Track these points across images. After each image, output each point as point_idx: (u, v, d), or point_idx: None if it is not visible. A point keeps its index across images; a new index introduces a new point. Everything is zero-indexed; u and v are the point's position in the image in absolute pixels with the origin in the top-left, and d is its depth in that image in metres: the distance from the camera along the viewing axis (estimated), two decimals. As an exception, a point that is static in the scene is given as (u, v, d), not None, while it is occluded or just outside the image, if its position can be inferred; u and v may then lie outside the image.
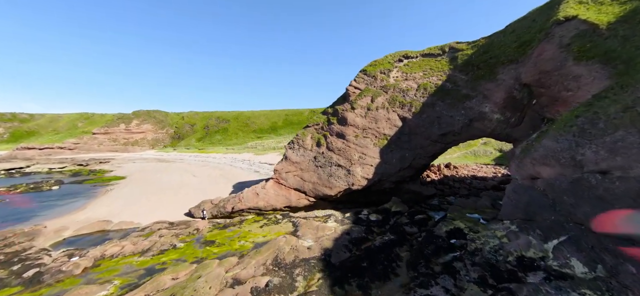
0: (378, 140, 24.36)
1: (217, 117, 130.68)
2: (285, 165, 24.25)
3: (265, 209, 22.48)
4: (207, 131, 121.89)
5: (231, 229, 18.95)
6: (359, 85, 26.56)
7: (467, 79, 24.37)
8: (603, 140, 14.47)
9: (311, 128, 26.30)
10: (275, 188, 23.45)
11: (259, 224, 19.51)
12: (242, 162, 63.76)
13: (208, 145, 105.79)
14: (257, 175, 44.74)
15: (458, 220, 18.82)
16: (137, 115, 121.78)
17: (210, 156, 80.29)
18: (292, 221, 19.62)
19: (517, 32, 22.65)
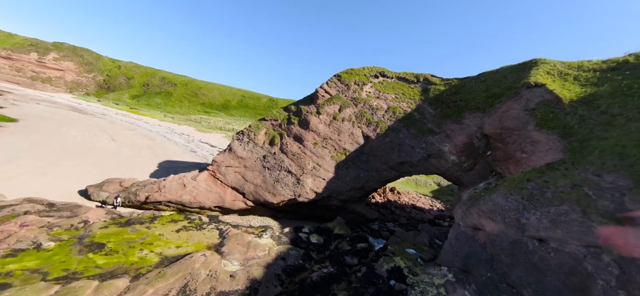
0: (337, 153, 22.78)
1: (162, 77, 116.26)
2: (227, 158, 20.97)
3: (190, 206, 18.88)
4: (146, 90, 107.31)
5: (136, 228, 14.79)
6: (330, 90, 24.68)
7: (434, 114, 24.44)
8: (548, 210, 15.00)
9: (267, 123, 23.47)
10: (208, 182, 20.01)
11: (177, 226, 15.82)
12: (180, 135, 56.73)
13: (144, 106, 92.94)
14: (192, 156, 39.61)
15: (398, 257, 18.21)
16: (59, 47, 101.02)
17: (142, 119, 70.11)
18: (220, 228, 16.52)
19: (488, 83, 23.44)
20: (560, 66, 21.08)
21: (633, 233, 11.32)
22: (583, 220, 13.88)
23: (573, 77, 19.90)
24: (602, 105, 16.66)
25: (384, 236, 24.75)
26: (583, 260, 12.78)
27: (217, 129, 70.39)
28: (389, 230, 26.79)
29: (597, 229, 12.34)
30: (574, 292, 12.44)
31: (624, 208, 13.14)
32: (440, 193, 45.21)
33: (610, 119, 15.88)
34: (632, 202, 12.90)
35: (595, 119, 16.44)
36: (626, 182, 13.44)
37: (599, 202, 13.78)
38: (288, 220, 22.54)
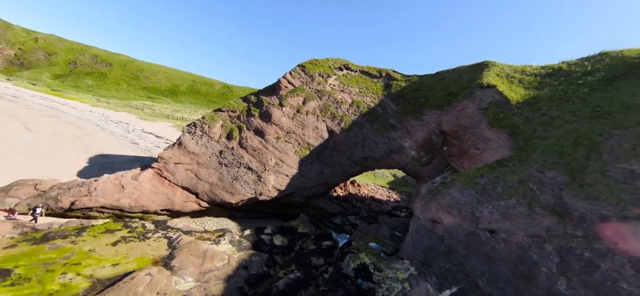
0: (300, 148, 21.76)
1: (93, 55, 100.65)
2: (176, 154, 18.49)
3: (130, 211, 16.11)
4: (73, 69, 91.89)
5: (56, 244, 11.46)
6: (293, 81, 23.32)
7: (396, 110, 24.84)
8: (498, 204, 16.12)
9: (224, 114, 21.29)
10: (154, 182, 17.41)
11: (113, 237, 12.98)
12: (118, 124, 49.73)
13: (70, 88, 79.56)
14: (133, 148, 34.85)
15: (363, 253, 18.20)
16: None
17: (69, 104, 59.89)
18: (169, 236, 14.27)
19: (446, 82, 24.50)
20: (507, 69, 22.89)
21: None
22: (528, 212, 15.15)
23: (518, 80, 21.75)
24: (543, 108, 18.44)
25: (347, 231, 24.75)
26: (528, 249, 13.92)
27: (163, 117, 63.56)
28: (351, 223, 26.91)
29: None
30: (521, 279, 13.50)
31: (562, 202, 14.69)
32: (396, 184, 47.35)
33: (550, 120, 17.63)
34: (569, 196, 14.44)
35: (537, 120, 18.14)
36: (564, 178, 15.00)
37: (541, 197, 15.17)
38: (248, 220, 21.00)
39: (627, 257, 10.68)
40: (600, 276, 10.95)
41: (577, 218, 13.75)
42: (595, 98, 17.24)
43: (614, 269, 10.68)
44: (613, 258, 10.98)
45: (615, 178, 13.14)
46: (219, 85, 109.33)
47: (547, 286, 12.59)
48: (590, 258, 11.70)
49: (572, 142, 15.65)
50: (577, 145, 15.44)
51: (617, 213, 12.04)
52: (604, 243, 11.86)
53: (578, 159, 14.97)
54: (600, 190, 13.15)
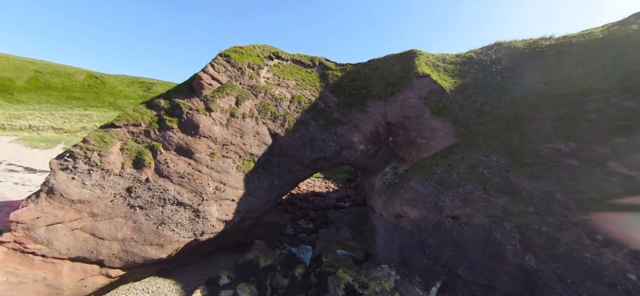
0: (243, 162, 17.36)
1: None
2: (47, 208, 11.30)
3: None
4: None
5: None
6: (218, 76, 18.00)
7: (338, 102, 23.10)
8: (457, 191, 16.79)
9: (121, 131, 14.49)
10: (10, 266, 10.09)
11: None
12: None
13: None
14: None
15: (341, 270, 16.32)
16: None
17: None
18: None
19: (381, 71, 24.13)
20: (432, 58, 24.20)
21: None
22: (485, 196, 16.16)
23: (443, 68, 23.29)
24: (472, 95, 20.16)
25: (304, 241, 22.26)
26: (491, 230, 14.76)
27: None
28: (303, 229, 24.48)
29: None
30: (493, 260, 14.25)
31: (511, 182, 16.30)
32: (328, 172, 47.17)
33: (481, 107, 19.38)
34: (515, 176, 16.06)
35: (470, 107, 19.72)
36: (507, 160, 16.61)
37: (492, 179, 16.40)
38: (187, 269, 15.60)
39: (581, 228, 12.28)
40: (564, 249, 12.24)
41: (526, 196, 15.35)
42: (509, 85, 19.83)
43: (574, 241, 12.16)
44: (569, 230, 12.52)
45: (547, 157, 15.18)
46: (83, 75, 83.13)
47: (517, 263, 13.57)
48: (548, 232, 13.07)
49: (505, 127, 17.59)
50: (509, 130, 17.34)
51: (559, 189, 13.88)
52: (556, 216, 13.52)
53: (513, 142, 16.82)
54: (539, 169, 14.96)
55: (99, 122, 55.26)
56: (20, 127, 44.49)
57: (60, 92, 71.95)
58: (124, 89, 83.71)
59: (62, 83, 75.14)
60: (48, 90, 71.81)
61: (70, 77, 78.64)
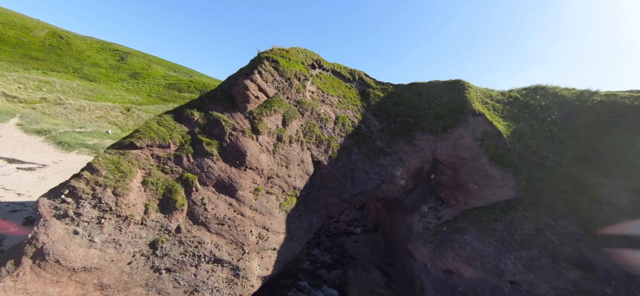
0: (285, 198, 13.84)
1: None
2: (32, 285, 7.02)
3: None
4: None
5: None
6: (266, 87, 14.13)
7: (381, 128, 20.27)
8: (520, 254, 14.95)
9: (144, 155, 10.26)
10: None
11: None
12: None
13: None
14: None
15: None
16: None
17: None
18: None
19: (427, 99, 21.69)
20: (479, 93, 22.31)
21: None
22: (553, 265, 14.58)
23: (491, 106, 21.47)
24: (531, 145, 18.48)
25: (327, 281, 19.23)
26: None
27: None
28: (320, 262, 21.39)
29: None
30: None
31: (583, 255, 14.79)
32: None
33: (541, 160, 17.75)
34: (588, 249, 14.62)
35: (530, 158, 18.04)
36: (576, 228, 15.08)
37: (562, 248, 14.84)
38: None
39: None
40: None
41: (603, 274, 13.89)
42: (567, 139, 18.45)
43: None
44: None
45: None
46: (44, 31, 70.88)
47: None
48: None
49: (572, 189, 16.08)
50: (578, 193, 15.83)
51: None
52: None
53: (584, 208, 15.31)
54: (619, 247, 13.56)
55: (62, 92, 46.55)
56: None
57: (15, 48, 60.45)
58: (93, 55, 73.04)
59: (17, 37, 63.28)
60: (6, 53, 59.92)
61: (29, 31, 66.62)
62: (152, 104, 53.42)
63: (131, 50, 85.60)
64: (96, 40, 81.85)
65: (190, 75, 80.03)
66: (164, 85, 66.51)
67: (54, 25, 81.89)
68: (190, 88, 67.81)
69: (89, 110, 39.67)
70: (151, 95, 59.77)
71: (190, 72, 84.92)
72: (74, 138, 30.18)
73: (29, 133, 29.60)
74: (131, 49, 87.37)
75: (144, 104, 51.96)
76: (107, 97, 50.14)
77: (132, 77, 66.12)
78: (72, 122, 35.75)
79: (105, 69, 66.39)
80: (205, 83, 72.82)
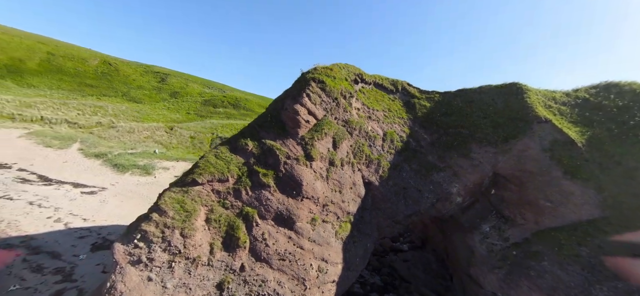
0: (340, 225, 13.12)
1: None
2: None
3: None
4: None
5: None
6: (315, 109, 13.66)
7: (431, 142, 18.87)
8: (614, 285, 12.72)
9: (205, 191, 10.14)
10: None
11: None
12: None
13: None
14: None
15: None
16: None
17: None
18: None
19: (480, 107, 19.88)
20: (541, 96, 20.04)
21: None
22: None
23: (557, 110, 19.10)
24: (614, 154, 15.95)
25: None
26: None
27: (2, 118, 38.23)
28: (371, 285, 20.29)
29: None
30: None
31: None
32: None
33: (629, 172, 15.11)
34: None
35: (613, 169, 15.56)
36: (684, 257, 12.70)
37: (670, 281, 12.50)
38: None
39: None
40: None
41: None
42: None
43: None
44: None
45: None
46: (96, 60, 78.15)
47: None
48: None
49: (676, 209, 13.55)
50: (684, 214, 13.28)
51: None
52: None
53: (695, 233, 12.79)
54: None
55: (114, 116, 50.58)
56: (31, 117, 39.85)
57: (73, 77, 67.20)
58: (138, 78, 78.93)
59: (75, 68, 70.35)
60: (60, 74, 67.10)
61: (84, 61, 73.81)
62: (190, 121, 56.16)
63: (170, 70, 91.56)
64: (140, 64, 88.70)
65: (223, 90, 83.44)
66: (200, 101, 69.87)
67: (105, 53, 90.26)
68: (223, 103, 70.53)
69: (137, 131, 42.52)
70: (189, 112, 62.94)
71: (222, 87, 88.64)
72: (127, 159, 32.29)
73: (88, 157, 32.22)
74: (170, 69, 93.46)
75: (183, 121, 54.78)
76: (152, 117, 53.57)
77: (172, 96, 70.32)
78: (124, 144, 38.47)
79: (148, 91, 71.42)
80: (236, 97, 75.42)
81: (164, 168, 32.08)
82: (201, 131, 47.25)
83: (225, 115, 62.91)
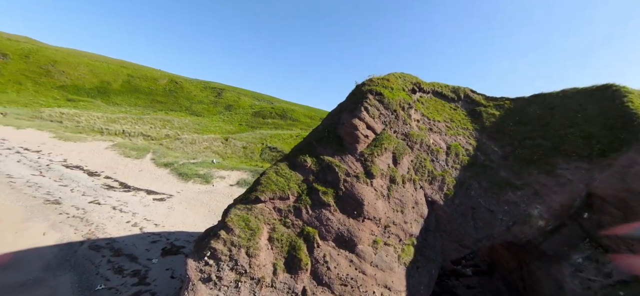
0: (403, 249, 12.02)
1: (-29, 38, 70.45)
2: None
3: None
4: (-64, 59, 62.33)
5: None
6: (373, 123, 12.96)
7: (503, 155, 16.59)
8: None
9: (267, 209, 10.10)
10: None
11: None
12: (21, 154, 31.85)
13: None
14: (53, 219, 20.14)
15: None
16: None
17: None
18: None
19: (564, 114, 16.95)
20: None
21: None
22: None
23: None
24: None
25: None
26: None
27: (94, 133, 45.23)
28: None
29: None
30: None
31: None
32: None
33: None
34: None
35: None
36: None
37: None
38: None
39: None
40: None
41: None
42: None
43: None
44: None
45: None
46: (165, 80, 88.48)
47: None
48: None
49: None
50: None
51: None
52: None
53: None
54: None
55: (179, 128, 56.23)
56: (115, 131, 46.24)
57: (147, 95, 76.75)
58: (198, 94, 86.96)
59: (148, 87, 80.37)
60: (137, 93, 77.13)
61: (155, 81, 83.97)
62: (243, 132, 59.63)
63: (225, 85, 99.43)
64: (200, 81, 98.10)
65: (271, 102, 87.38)
66: (250, 113, 74.03)
67: (171, 73, 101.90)
68: (271, 114, 73.63)
69: (198, 142, 46.48)
70: (241, 123, 66.98)
71: (270, 99, 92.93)
72: (190, 169, 35.28)
73: (159, 166, 36.04)
74: (224, 84, 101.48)
75: (236, 132, 58.39)
76: (210, 129, 58.22)
77: (227, 109, 75.82)
78: (187, 154, 42.29)
79: (206, 105, 78.25)
80: (283, 108, 78.16)
81: (221, 177, 34.22)
82: (252, 141, 49.71)
83: (273, 126, 65.51)
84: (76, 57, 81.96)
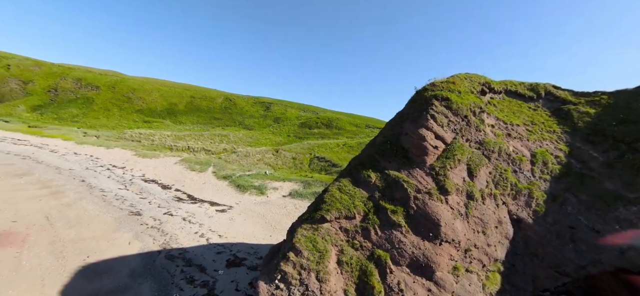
0: (487, 276, 10.33)
1: (77, 78, 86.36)
2: None
3: None
4: (54, 97, 77.73)
5: None
6: (442, 132, 11.67)
7: (605, 161, 13.55)
8: None
9: (334, 229, 9.56)
10: None
11: None
12: (110, 170, 37.26)
13: (51, 121, 65.90)
14: (137, 227, 22.71)
15: None
16: None
17: (48, 145, 47.03)
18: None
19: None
20: None
21: None
22: None
23: None
24: None
25: None
26: None
27: (164, 149, 50.99)
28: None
29: None
30: None
31: None
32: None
33: None
34: None
35: None
36: None
37: None
38: None
39: None
40: None
41: None
42: None
43: None
44: None
45: None
46: (221, 98, 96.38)
47: None
48: None
49: None
50: None
51: None
52: None
53: None
54: None
55: (235, 142, 60.18)
56: (182, 147, 51.30)
57: (206, 113, 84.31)
58: (250, 109, 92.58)
59: (207, 106, 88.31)
60: (198, 112, 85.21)
61: (213, 100, 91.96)
62: (291, 142, 61.26)
63: (273, 99, 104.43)
64: (251, 97, 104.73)
65: (316, 112, 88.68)
66: (297, 124, 75.96)
67: (226, 91, 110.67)
68: (317, 124, 74.47)
69: (251, 155, 49.03)
70: (289, 134, 68.99)
71: (315, 109, 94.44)
72: (246, 181, 37.16)
73: (219, 179, 38.74)
74: (273, 98, 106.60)
75: (285, 143, 60.21)
76: (261, 142, 61.14)
77: (275, 122, 79.13)
78: (242, 166, 44.82)
79: (257, 119, 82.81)
80: (329, 117, 78.50)
81: (274, 188, 35.25)
82: (301, 152, 50.61)
83: (319, 135, 66.08)
84: (150, 84, 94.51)
